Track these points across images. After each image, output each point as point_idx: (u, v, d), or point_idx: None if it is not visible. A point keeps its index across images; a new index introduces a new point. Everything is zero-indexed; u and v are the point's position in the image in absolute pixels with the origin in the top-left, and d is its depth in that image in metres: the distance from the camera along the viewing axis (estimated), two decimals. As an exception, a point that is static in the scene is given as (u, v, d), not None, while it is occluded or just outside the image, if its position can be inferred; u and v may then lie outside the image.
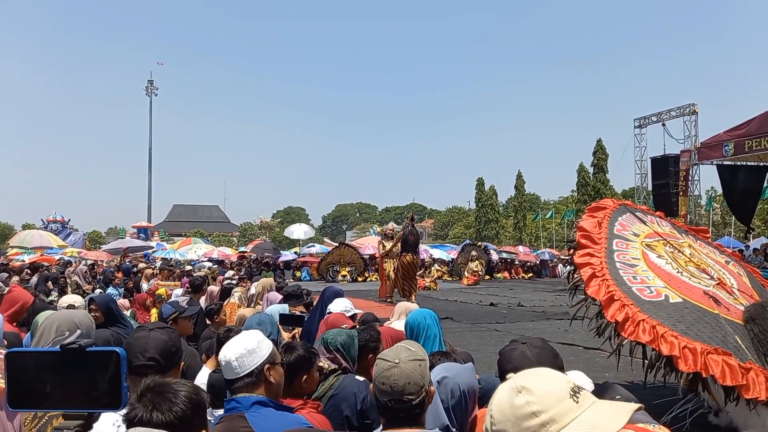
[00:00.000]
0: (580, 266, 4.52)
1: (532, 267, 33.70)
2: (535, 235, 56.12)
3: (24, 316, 4.90)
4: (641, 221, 5.26)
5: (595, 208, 5.20)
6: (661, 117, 28.54)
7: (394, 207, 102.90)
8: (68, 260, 21.94)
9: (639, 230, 5.10)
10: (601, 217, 5.00)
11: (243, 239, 64.76)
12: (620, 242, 4.84)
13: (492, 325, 11.10)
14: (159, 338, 2.38)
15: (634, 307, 4.11)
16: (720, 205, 42.04)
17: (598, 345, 6.55)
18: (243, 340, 2.38)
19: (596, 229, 4.85)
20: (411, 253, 15.55)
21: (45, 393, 1.06)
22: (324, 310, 4.94)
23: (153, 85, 72.47)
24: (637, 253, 4.74)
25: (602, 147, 49.50)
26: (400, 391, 1.95)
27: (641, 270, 4.55)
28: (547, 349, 2.28)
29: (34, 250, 28.74)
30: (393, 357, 2.01)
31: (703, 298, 4.39)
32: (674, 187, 24.77)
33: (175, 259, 30.44)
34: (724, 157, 21.08)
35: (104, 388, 1.07)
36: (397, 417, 2.00)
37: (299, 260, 31.37)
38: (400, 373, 1.96)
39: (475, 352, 6.95)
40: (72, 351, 1.05)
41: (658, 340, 3.90)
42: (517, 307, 14.50)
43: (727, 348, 3.94)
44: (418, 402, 1.97)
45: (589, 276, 4.38)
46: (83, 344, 1.06)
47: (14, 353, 1.08)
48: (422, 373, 2.00)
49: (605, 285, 4.26)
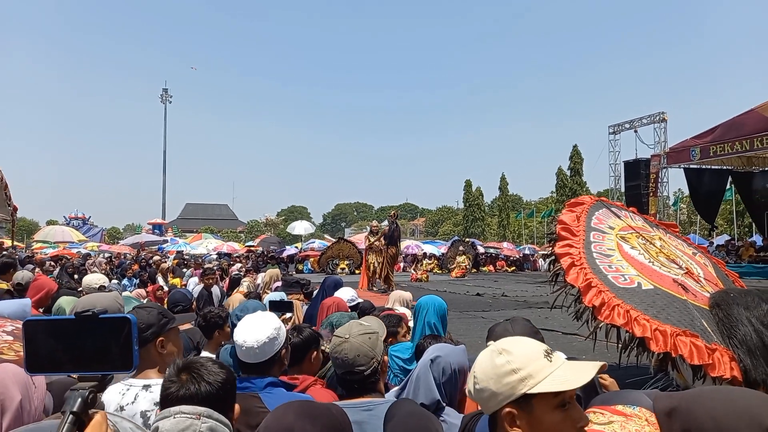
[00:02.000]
0: (560, 256, 4.51)
1: (515, 261, 33.73)
2: (518, 232, 56.21)
3: (48, 302, 4.87)
4: (616, 216, 5.26)
5: (574, 204, 5.19)
6: (633, 124, 28.72)
7: (389, 206, 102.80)
8: (87, 253, 21.83)
9: (614, 224, 5.10)
10: (579, 212, 4.99)
11: (250, 235, 64.61)
12: (597, 234, 4.83)
13: (478, 313, 11.08)
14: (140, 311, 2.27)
15: (609, 293, 4.10)
16: (686, 206, 42.26)
17: (575, 330, 6.55)
18: (264, 327, 2.27)
19: (575, 223, 4.84)
20: (394, 246, 16.01)
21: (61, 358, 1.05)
22: (325, 297, 4.93)
23: (168, 93, 72.33)
24: (612, 245, 4.74)
25: (578, 152, 49.82)
26: (351, 363, 1.97)
27: (616, 260, 4.55)
28: (528, 327, 2.28)
29: (57, 244, 28.66)
30: (344, 333, 2.04)
31: (673, 286, 4.39)
32: (645, 189, 24.90)
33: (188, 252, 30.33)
34: (691, 161, 21.15)
35: (116, 352, 1.06)
36: (352, 387, 2.02)
37: (301, 254, 31.33)
38: (350, 347, 1.98)
39: (463, 337, 6.94)
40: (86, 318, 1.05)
41: (631, 323, 3.89)
42: (501, 297, 14.48)
43: (694, 330, 3.94)
44: (369, 372, 1.99)
45: (568, 265, 4.36)
46: (96, 311, 1.05)
47: (31, 321, 1.06)
48: (372, 345, 2.01)
49: (583, 273, 4.24)
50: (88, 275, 5.42)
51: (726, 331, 4.13)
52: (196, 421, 1.40)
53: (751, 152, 18.74)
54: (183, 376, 1.56)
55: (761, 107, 17.54)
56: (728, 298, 4.36)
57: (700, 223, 34.73)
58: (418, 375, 2.39)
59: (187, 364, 1.60)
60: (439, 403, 2.38)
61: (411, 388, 2.37)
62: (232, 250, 32.58)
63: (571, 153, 49.83)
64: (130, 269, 15.65)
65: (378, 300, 8.63)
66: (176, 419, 1.40)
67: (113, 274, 16.94)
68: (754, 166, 22.28)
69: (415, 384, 2.37)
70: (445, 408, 2.34)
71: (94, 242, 32.26)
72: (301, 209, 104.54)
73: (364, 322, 2.10)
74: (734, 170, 22.52)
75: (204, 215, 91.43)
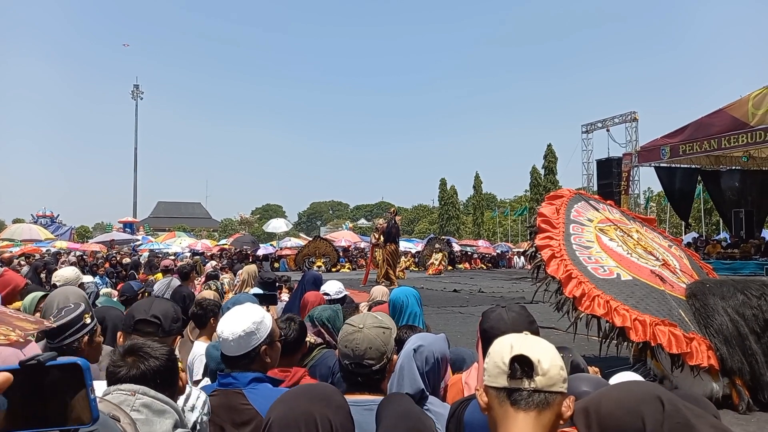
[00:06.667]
0: (541, 248, 4.54)
1: (490, 258, 34.03)
2: (493, 230, 56.70)
3: (17, 299, 4.70)
4: (594, 209, 5.32)
5: (554, 197, 5.24)
6: (606, 123, 29.16)
7: (364, 205, 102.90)
8: (57, 251, 21.28)
9: (593, 216, 5.15)
10: (558, 205, 5.03)
11: (224, 234, 63.86)
12: (576, 227, 4.87)
13: (456, 309, 11.13)
14: (163, 302, 2.39)
15: (589, 284, 4.14)
16: (656, 204, 43.14)
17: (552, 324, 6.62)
18: (242, 321, 2.20)
19: (555, 215, 4.88)
20: (393, 243, 16.25)
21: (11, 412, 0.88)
22: (304, 293, 4.86)
23: (139, 89, 70.87)
24: (591, 237, 4.79)
25: (552, 151, 50.41)
26: (360, 355, 1.89)
27: (595, 251, 4.60)
28: (524, 315, 2.23)
29: (23, 242, 27.84)
30: (359, 322, 1.95)
31: (651, 277, 4.45)
32: (617, 187, 25.29)
33: (161, 250, 29.78)
34: (661, 160, 21.57)
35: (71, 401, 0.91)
36: (356, 381, 1.92)
37: (277, 252, 31.07)
38: (363, 338, 1.90)
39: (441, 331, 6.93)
40: (31, 367, 0.89)
41: (611, 313, 3.94)
42: (477, 293, 14.56)
43: (672, 320, 4.00)
44: (378, 368, 1.91)
45: (549, 256, 4.40)
46: (42, 359, 0.90)
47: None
48: (385, 340, 1.93)
49: (564, 264, 4.28)
50: (61, 269, 5.22)
51: (703, 321, 4.21)
52: (130, 397, 1.47)
53: (719, 151, 19.19)
54: (127, 358, 1.62)
55: (730, 107, 17.99)
56: (704, 289, 4.45)
57: (670, 221, 35.51)
58: (401, 365, 2.35)
59: (131, 347, 1.65)
60: (423, 392, 2.35)
61: (395, 378, 2.33)
62: (206, 248, 32.13)
63: (545, 152, 50.44)
64: (102, 268, 15.29)
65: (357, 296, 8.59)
66: (113, 395, 1.47)
67: (84, 272, 16.54)
68: (721, 165, 22.84)
69: (399, 374, 2.33)
70: (429, 397, 2.31)
71: (63, 241, 31.46)
72: (276, 208, 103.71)
73: (378, 316, 1.99)
74: (702, 169, 23.07)
75: (177, 213, 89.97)
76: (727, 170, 23.16)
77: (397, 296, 3.63)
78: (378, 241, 16.77)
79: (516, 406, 1.30)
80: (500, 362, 1.34)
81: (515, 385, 1.31)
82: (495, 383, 1.35)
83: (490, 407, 1.36)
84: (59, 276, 4.77)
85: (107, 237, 29.69)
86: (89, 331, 2.28)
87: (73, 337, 2.24)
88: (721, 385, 3.99)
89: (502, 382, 1.33)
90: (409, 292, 3.69)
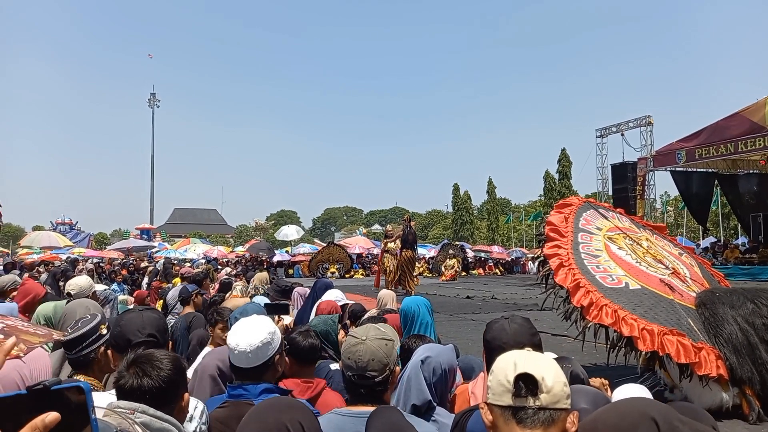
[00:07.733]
0: (549, 257, 4.55)
1: (504, 264, 33.88)
2: (507, 235, 56.39)
3: (36, 307, 4.81)
4: (603, 217, 5.32)
5: (562, 205, 5.24)
6: (620, 127, 28.95)
7: (378, 210, 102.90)
8: (75, 258, 21.60)
9: (601, 225, 5.15)
10: (567, 213, 5.04)
11: (239, 240, 64.30)
12: (585, 235, 4.88)
13: (468, 316, 11.11)
14: (152, 316, 2.33)
15: (597, 293, 4.15)
16: (673, 208, 42.63)
17: (564, 332, 6.60)
18: (258, 332, 2.21)
19: (563, 224, 4.89)
20: (410, 249, 15.95)
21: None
22: (316, 300, 4.92)
23: (155, 97, 71.84)
24: (600, 245, 4.79)
25: (566, 155, 50.01)
26: (363, 367, 1.90)
27: (604, 260, 4.60)
28: (526, 326, 2.21)
29: (42, 249, 28.33)
30: (361, 334, 1.97)
31: (659, 286, 4.45)
32: (632, 192, 25.09)
33: (176, 258, 30.11)
34: (677, 164, 21.33)
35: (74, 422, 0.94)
36: (359, 393, 1.94)
37: (291, 259, 31.20)
38: (365, 350, 1.91)
39: (453, 339, 6.96)
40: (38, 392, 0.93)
41: (619, 322, 3.94)
42: (491, 300, 14.50)
43: (681, 329, 3.99)
44: (381, 380, 1.92)
45: (557, 265, 4.41)
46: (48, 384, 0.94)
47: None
48: (387, 352, 1.94)
49: (572, 273, 4.29)
50: (74, 278, 5.29)
51: (712, 330, 4.19)
52: (129, 416, 1.45)
53: (736, 155, 18.96)
54: (131, 369, 1.62)
55: (746, 110, 17.78)
56: (714, 298, 4.43)
57: (687, 226, 35.09)
58: (409, 376, 2.38)
59: (136, 358, 1.65)
60: (430, 403, 2.38)
61: (402, 389, 2.37)
62: (221, 254, 32.38)
63: (559, 156, 50.09)
64: (119, 275, 15.51)
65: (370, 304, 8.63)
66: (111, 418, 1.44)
67: (102, 279, 16.78)
68: (738, 169, 22.55)
69: (406, 385, 2.36)
70: (436, 408, 2.35)
71: (81, 247, 31.93)
72: (291, 213, 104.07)
73: (381, 328, 2.00)
74: (719, 173, 22.80)
75: (192, 220, 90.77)
76: (744, 174, 22.86)
77: (409, 305, 3.65)
78: (387, 247, 16.60)
79: (522, 424, 1.30)
80: (504, 380, 1.34)
81: (520, 404, 1.31)
82: (500, 401, 1.34)
83: (495, 426, 1.36)
84: (73, 284, 4.84)
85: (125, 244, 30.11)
86: (105, 341, 2.34)
87: (90, 348, 2.28)
88: (731, 395, 3.97)
89: (506, 400, 1.32)
90: (420, 301, 3.71)
